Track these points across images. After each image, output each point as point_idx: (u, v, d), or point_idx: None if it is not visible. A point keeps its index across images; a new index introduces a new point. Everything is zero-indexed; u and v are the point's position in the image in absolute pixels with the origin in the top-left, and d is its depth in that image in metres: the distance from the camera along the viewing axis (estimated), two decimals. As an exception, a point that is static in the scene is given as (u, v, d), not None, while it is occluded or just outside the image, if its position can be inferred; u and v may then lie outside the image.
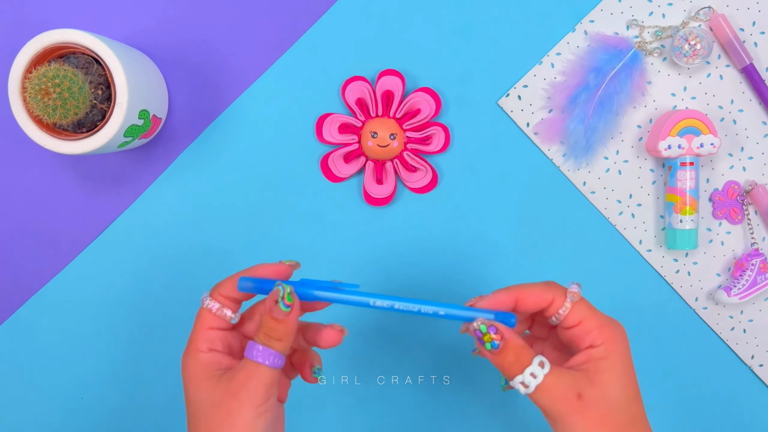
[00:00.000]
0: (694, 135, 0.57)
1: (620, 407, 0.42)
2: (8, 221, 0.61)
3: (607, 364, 0.42)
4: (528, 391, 0.42)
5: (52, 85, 0.49)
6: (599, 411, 0.41)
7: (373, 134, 0.58)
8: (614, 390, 0.42)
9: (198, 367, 0.42)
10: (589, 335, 0.43)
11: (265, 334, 0.41)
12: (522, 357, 0.42)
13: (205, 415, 0.41)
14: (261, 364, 0.41)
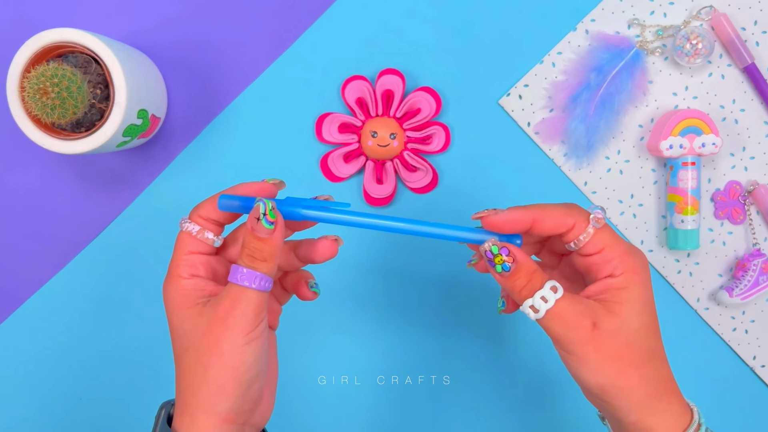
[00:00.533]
0: (696, 135, 0.57)
1: (638, 340, 0.40)
2: (7, 221, 0.61)
3: (627, 294, 0.40)
4: (538, 316, 0.40)
5: (51, 85, 0.49)
6: (615, 342, 0.39)
7: (373, 134, 0.58)
8: (633, 322, 0.40)
9: (180, 294, 0.40)
10: (609, 264, 0.41)
11: (248, 256, 0.39)
12: (534, 280, 0.40)
13: (191, 345, 0.39)
14: (247, 287, 0.38)
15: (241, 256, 0.39)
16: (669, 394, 0.41)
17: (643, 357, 0.40)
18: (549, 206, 0.42)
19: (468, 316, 0.61)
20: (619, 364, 0.39)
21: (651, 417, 0.40)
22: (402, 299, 0.61)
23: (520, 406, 0.62)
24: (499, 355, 0.62)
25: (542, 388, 0.61)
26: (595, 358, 0.39)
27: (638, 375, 0.40)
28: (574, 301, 0.40)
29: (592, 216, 0.41)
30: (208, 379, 0.38)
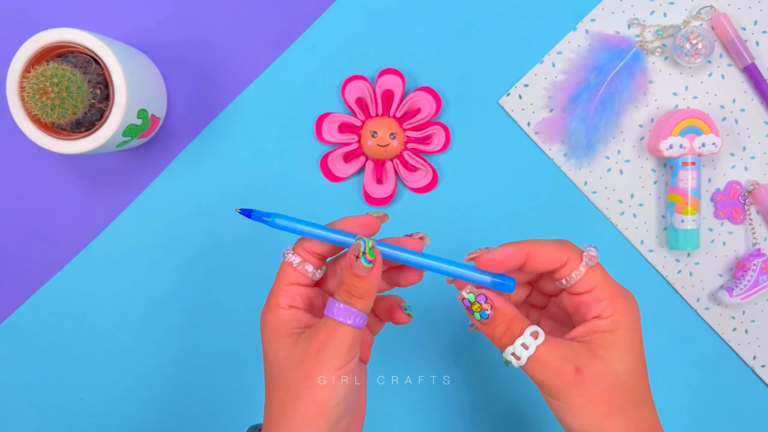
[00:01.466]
0: (696, 134, 0.57)
1: (624, 385, 0.39)
2: (6, 221, 0.61)
3: (613, 337, 0.39)
4: (520, 363, 0.39)
5: (51, 85, 0.49)
6: (599, 387, 0.39)
7: (373, 134, 0.58)
8: (619, 366, 0.39)
9: (277, 323, 0.40)
10: (599, 304, 0.40)
11: (346, 291, 0.39)
12: (513, 327, 0.40)
13: (283, 375, 0.39)
14: (342, 323, 0.39)
15: (338, 291, 0.40)
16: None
17: (629, 402, 0.39)
18: (542, 242, 0.41)
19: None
20: (604, 410, 0.39)
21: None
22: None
23: (521, 406, 0.62)
24: (499, 355, 0.62)
25: (542, 388, 0.61)
26: (579, 404, 0.39)
27: (623, 421, 0.39)
28: (556, 345, 0.40)
29: (586, 253, 0.41)
30: (297, 411, 0.39)
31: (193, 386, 0.62)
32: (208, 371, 0.62)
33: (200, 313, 0.61)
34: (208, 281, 0.61)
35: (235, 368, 0.61)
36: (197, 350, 0.62)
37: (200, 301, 0.61)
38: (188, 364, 0.62)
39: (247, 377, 0.61)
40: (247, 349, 0.61)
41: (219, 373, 0.61)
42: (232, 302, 0.61)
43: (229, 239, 0.61)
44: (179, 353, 0.62)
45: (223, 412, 0.62)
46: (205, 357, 0.61)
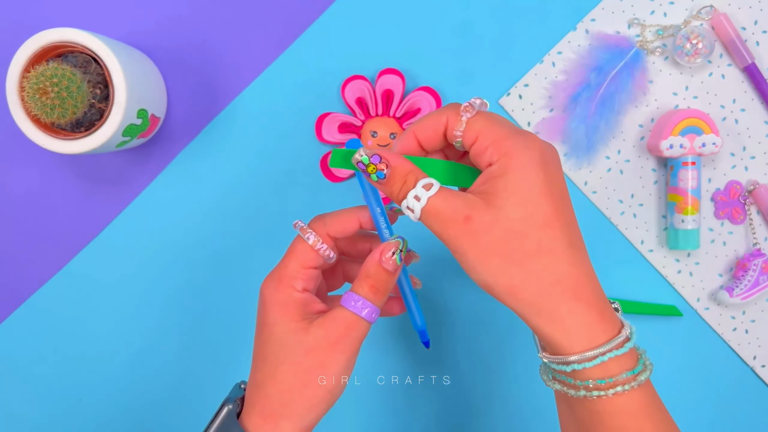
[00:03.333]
0: (696, 134, 0.57)
1: (519, 234, 0.36)
2: (6, 221, 0.61)
3: (504, 182, 0.36)
4: (415, 216, 0.38)
5: (51, 85, 0.49)
6: (491, 237, 0.36)
7: (373, 134, 0.58)
8: (512, 213, 0.36)
9: (290, 305, 0.40)
10: (486, 152, 0.37)
11: (372, 287, 0.39)
12: (408, 181, 0.38)
13: (293, 359, 0.39)
14: (362, 318, 0.39)
15: (361, 285, 0.40)
16: (570, 297, 0.36)
17: (526, 253, 0.36)
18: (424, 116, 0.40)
19: (468, 316, 0.61)
20: (498, 261, 0.36)
21: (549, 323, 0.36)
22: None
23: (521, 406, 0.62)
24: (499, 355, 0.62)
25: (542, 388, 0.61)
26: (473, 255, 0.36)
27: (524, 271, 0.36)
28: (449, 196, 0.37)
29: (462, 106, 0.39)
30: (304, 396, 0.40)
31: (193, 386, 0.62)
32: (209, 371, 0.62)
33: (200, 313, 0.61)
34: (208, 281, 0.61)
35: (235, 368, 0.61)
36: (197, 350, 0.62)
37: (200, 301, 0.61)
38: (188, 363, 0.62)
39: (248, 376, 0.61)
40: (247, 349, 0.61)
41: (219, 373, 0.61)
42: (232, 302, 0.61)
43: (228, 239, 0.61)
44: (179, 353, 0.62)
45: (223, 412, 0.62)
46: (205, 356, 0.61)
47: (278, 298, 0.41)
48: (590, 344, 0.36)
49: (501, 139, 0.37)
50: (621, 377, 0.37)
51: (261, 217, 0.61)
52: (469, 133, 0.38)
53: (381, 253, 0.40)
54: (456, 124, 0.39)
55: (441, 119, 0.39)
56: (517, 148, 0.37)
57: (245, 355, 0.61)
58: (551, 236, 0.36)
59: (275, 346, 0.40)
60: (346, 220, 0.42)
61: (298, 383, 0.39)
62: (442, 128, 0.39)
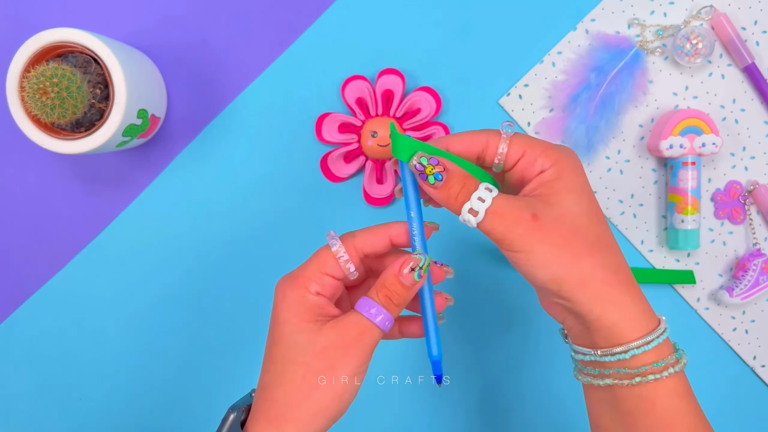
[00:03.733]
0: (696, 134, 0.57)
1: (584, 226, 0.39)
2: (6, 221, 0.61)
3: (561, 183, 0.39)
4: (478, 219, 0.38)
5: (51, 85, 0.49)
6: (560, 231, 0.38)
7: (373, 134, 0.58)
8: (574, 208, 0.39)
9: (302, 306, 0.40)
10: (536, 162, 0.40)
11: (386, 296, 0.39)
12: (468, 184, 0.39)
13: (301, 360, 0.39)
14: (375, 324, 0.39)
15: (377, 292, 0.40)
16: (629, 286, 0.40)
17: (593, 243, 0.39)
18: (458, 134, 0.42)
19: (469, 316, 0.61)
20: (570, 252, 0.38)
21: (614, 310, 0.39)
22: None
23: (520, 406, 0.62)
24: (499, 355, 0.62)
25: (542, 389, 0.61)
26: (542, 249, 0.38)
27: (592, 261, 0.38)
28: (511, 198, 0.39)
29: (502, 127, 0.41)
30: (311, 399, 0.39)
31: (194, 386, 0.62)
32: (209, 370, 0.62)
33: (200, 313, 0.61)
34: (208, 281, 0.61)
35: (235, 367, 0.61)
36: (197, 349, 0.62)
37: (200, 301, 0.61)
38: (188, 363, 0.62)
39: (248, 377, 0.61)
40: (247, 349, 0.61)
41: (219, 373, 0.61)
42: (232, 302, 0.61)
43: (229, 239, 0.61)
44: (179, 353, 0.62)
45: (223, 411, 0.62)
46: (206, 356, 0.61)
47: (291, 298, 0.40)
48: (648, 328, 0.39)
49: (548, 149, 0.40)
50: (671, 359, 0.39)
51: (261, 217, 0.61)
52: (515, 150, 0.40)
53: (401, 265, 0.40)
54: (496, 144, 0.41)
55: (480, 139, 0.41)
56: (563, 156, 0.40)
57: (245, 355, 0.61)
58: (605, 230, 0.40)
59: (285, 347, 0.40)
60: (375, 235, 0.42)
61: (305, 385, 0.39)
62: (478, 148, 0.41)
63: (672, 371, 0.39)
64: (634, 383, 0.39)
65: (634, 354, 0.39)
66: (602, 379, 0.40)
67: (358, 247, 0.41)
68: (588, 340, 0.41)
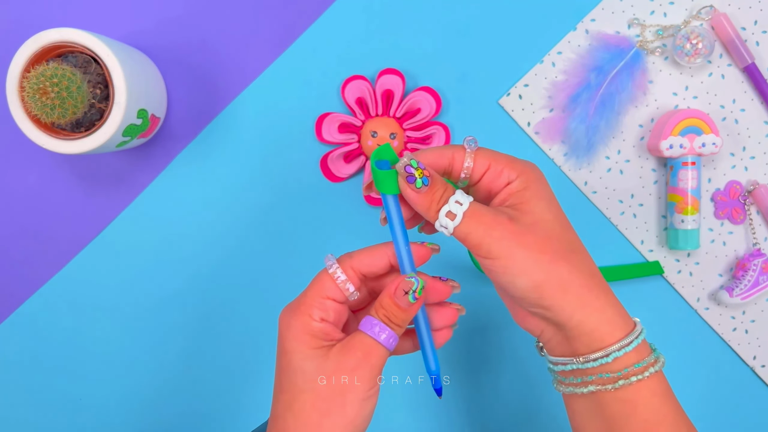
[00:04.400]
0: (696, 134, 0.57)
1: (556, 233, 0.39)
2: (6, 221, 0.61)
3: (530, 192, 0.40)
4: (455, 222, 0.39)
5: (51, 85, 0.49)
6: (537, 236, 0.39)
7: (373, 134, 0.58)
8: (545, 215, 0.40)
9: (307, 334, 0.39)
10: (502, 174, 0.41)
11: (385, 316, 0.39)
12: (448, 189, 0.40)
13: (311, 387, 0.39)
14: (380, 343, 0.39)
15: (377, 311, 0.40)
16: (605, 289, 0.40)
17: (567, 249, 0.39)
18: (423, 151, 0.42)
19: (468, 316, 0.61)
20: (548, 257, 0.38)
21: (593, 314, 0.39)
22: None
23: (520, 407, 0.62)
24: (499, 355, 0.62)
25: (542, 389, 0.61)
26: (522, 255, 0.38)
27: (569, 267, 0.39)
28: (486, 207, 0.40)
29: (465, 141, 0.41)
30: (323, 427, 0.38)
31: (194, 386, 0.62)
32: (209, 371, 0.62)
33: (200, 313, 0.61)
34: (208, 281, 0.61)
35: (235, 368, 0.61)
36: (197, 349, 0.62)
37: (200, 301, 0.61)
38: (189, 363, 0.62)
39: (248, 377, 0.61)
40: (247, 349, 0.61)
41: (220, 373, 0.61)
42: (232, 302, 0.61)
43: (229, 239, 0.61)
44: (179, 353, 0.62)
45: (223, 411, 0.62)
46: (206, 356, 0.61)
47: (296, 327, 0.40)
48: (625, 330, 0.40)
49: (512, 161, 0.41)
50: (650, 359, 0.40)
51: (261, 217, 0.61)
52: (480, 162, 0.41)
53: (395, 288, 0.40)
54: (462, 159, 0.41)
55: (446, 154, 0.41)
56: (528, 167, 0.41)
57: (246, 354, 0.61)
58: (575, 236, 0.41)
59: (293, 375, 0.39)
60: (373, 255, 0.41)
61: (316, 414, 0.38)
62: (445, 163, 0.41)
63: (653, 371, 0.39)
64: (618, 386, 0.39)
65: (616, 356, 0.39)
66: (585, 387, 0.40)
67: (356, 267, 0.41)
68: (567, 349, 0.41)
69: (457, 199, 0.39)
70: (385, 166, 0.40)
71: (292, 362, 0.39)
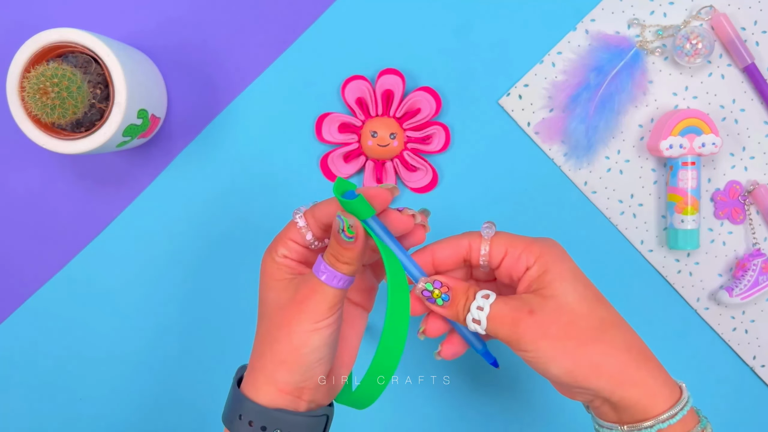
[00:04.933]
0: (696, 134, 0.57)
1: (582, 314, 0.39)
2: (7, 221, 0.61)
3: (549, 275, 0.40)
4: (481, 328, 0.40)
5: (51, 85, 0.49)
6: (559, 323, 0.39)
7: (373, 134, 0.58)
8: (568, 297, 0.39)
9: (272, 266, 0.42)
10: (520, 260, 0.41)
11: (332, 255, 0.40)
12: (470, 296, 0.41)
13: (269, 314, 0.42)
14: (323, 282, 0.40)
15: (327, 252, 0.41)
16: (645, 360, 0.40)
17: (596, 328, 0.39)
18: (442, 240, 0.43)
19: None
20: (574, 341, 0.39)
21: (633, 389, 0.39)
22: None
23: (520, 407, 0.62)
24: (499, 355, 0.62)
25: (542, 389, 0.61)
26: (546, 345, 0.39)
27: (600, 347, 0.39)
28: (508, 300, 0.40)
29: (482, 228, 0.42)
30: (273, 350, 0.41)
31: (194, 386, 0.62)
32: (209, 370, 0.62)
33: (200, 313, 0.61)
34: (208, 281, 0.61)
35: (236, 365, 0.61)
36: (198, 349, 0.62)
37: (200, 301, 0.61)
38: (189, 363, 0.62)
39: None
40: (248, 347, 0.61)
41: (220, 372, 0.61)
42: (232, 301, 0.61)
43: (228, 239, 0.61)
44: (179, 352, 0.62)
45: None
46: (206, 356, 0.62)
47: (265, 261, 0.43)
48: (671, 399, 0.40)
49: (529, 245, 0.41)
50: (697, 430, 0.40)
51: (261, 217, 0.61)
52: (497, 249, 0.42)
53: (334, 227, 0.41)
54: (478, 246, 0.42)
55: (462, 243, 0.42)
56: (545, 249, 0.41)
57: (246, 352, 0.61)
58: (607, 310, 0.40)
59: (260, 303, 0.43)
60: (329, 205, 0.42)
61: (269, 338, 0.41)
62: (463, 252, 0.42)
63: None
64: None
65: (660, 429, 0.39)
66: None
67: (317, 216, 0.42)
68: (614, 417, 0.41)
69: (478, 305, 0.40)
70: (351, 196, 0.40)
71: (261, 292, 0.43)
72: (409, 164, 0.59)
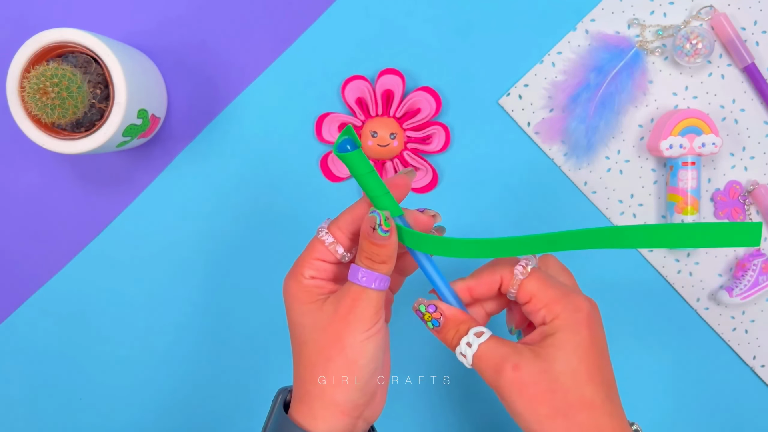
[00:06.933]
0: (696, 134, 0.57)
1: (564, 387, 0.39)
2: (7, 221, 0.61)
3: (553, 339, 0.40)
4: (467, 362, 0.41)
5: (51, 85, 0.49)
6: (538, 387, 0.39)
7: (373, 134, 0.58)
8: (559, 367, 0.39)
9: (300, 291, 0.42)
10: (539, 313, 0.41)
11: (367, 258, 0.40)
12: (461, 330, 0.41)
13: (312, 338, 0.41)
14: (366, 287, 0.40)
15: (359, 257, 0.40)
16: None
17: (572, 404, 0.39)
18: (478, 272, 0.43)
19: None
20: (545, 411, 0.39)
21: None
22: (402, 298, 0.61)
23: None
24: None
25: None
26: (520, 404, 0.39)
27: (567, 423, 0.39)
28: (500, 344, 0.40)
29: (515, 267, 0.42)
30: (328, 370, 0.40)
31: (194, 386, 0.62)
32: (209, 370, 0.62)
33: (200, 313, 0.61)
34: (208, 281, 0.61)
35: (235, 366, 0.61)
36: (198, 349, 0.62)
37: (200, 301, 0.61)
38: (188, 363, 0.62)
39: (249, 376, 0.61)
40: (247, 347, 0.61)
41: (220, 372, 0.61)
42: (232, 302, 0.61)
43: (229, 239, 0.61)
44: (179, 352, 0.62)
45: (224, 410, 0.62)
46: (206, 355, 0.62)
47: (291, 286, 0.42)
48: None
49: (552, 302, 0.41)
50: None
51: (261, 217, 0.61)
52: (523, 293, 0.42)
53: (365, 226, 0.40)
54: (510, 282, 0.42)
55: (495, 278, 0.43)
56: (566, 311, 0.40)
57: (246, 351, 0.61)
58: (593, 391, 0.39)
59: (296, 331, 0.42)
60: (354, 213, 0.42)
61: (321, 360, 0.40)
62: (496, 286, 0.43)
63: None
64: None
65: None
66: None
67: (342, 227, 0.42)
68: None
69: (468, 341, 0.41)
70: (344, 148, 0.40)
71: (293, 319, 0.42)
72: (409, 164, 0.59)
